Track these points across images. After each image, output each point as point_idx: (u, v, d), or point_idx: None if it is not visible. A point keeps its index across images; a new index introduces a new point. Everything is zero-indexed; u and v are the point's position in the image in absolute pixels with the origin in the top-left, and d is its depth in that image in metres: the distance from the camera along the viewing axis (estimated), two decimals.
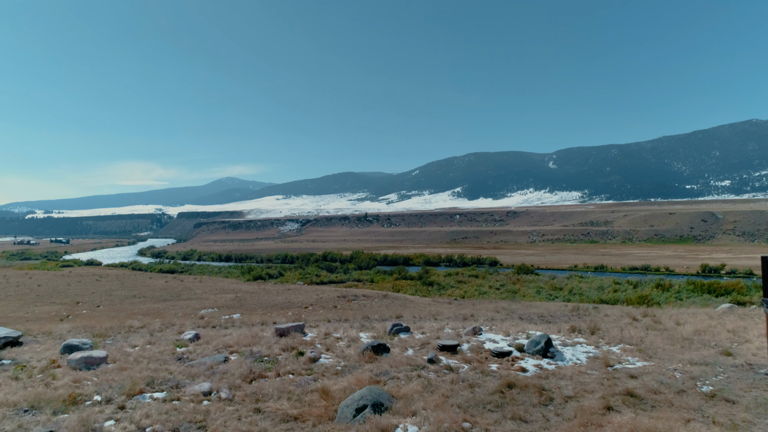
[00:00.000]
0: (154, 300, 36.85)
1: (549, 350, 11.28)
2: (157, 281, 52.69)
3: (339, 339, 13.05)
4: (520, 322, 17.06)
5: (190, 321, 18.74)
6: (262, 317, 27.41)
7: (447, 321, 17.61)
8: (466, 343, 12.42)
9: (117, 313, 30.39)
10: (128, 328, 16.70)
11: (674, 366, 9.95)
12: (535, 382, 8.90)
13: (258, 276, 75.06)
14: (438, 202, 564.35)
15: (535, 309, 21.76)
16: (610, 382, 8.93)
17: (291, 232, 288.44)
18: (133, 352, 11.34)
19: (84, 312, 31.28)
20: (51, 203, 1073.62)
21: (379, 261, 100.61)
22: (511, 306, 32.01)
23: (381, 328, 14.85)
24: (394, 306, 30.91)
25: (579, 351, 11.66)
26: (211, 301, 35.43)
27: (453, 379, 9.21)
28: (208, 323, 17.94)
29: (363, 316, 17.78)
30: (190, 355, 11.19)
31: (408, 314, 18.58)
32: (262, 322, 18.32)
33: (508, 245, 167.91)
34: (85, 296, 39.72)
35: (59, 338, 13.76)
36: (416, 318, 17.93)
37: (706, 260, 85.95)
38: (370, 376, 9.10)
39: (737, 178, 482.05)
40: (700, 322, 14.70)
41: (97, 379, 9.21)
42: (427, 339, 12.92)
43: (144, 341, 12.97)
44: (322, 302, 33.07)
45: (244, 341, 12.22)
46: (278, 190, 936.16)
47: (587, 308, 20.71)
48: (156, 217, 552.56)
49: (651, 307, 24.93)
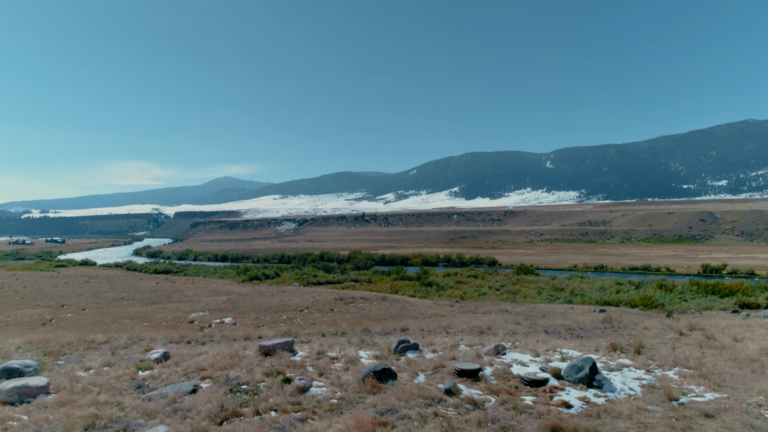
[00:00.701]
0: (143, 303, 34.88)
1: (594, 377, 9.12)
2: (147, 283, 50.59)
3: (334, 359, 11.05)
4: (547, 338, 15.04)
5: (162, 335, 16.38)
6: (255, 321, 25.61)
7: (461, 335, 15.46)
8: (488, 366, 10.32)
9: (103, 317, 28.45)
10: (89, 343, 14.65)
11: (755, 399, 8.06)
12: (586, 424, 6.96)
13: (254, 276, 73.15)
14: (435, 201, 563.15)
15: (559, 319, 19.56)
16: (683, 424, 7.03)
17: (288, 231, 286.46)
18: (84, 378, 9.41)
19: (69, 316, 29.32)
20: (47, 203, 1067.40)
21: (377, 261, 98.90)
22: (515, 308, 30.18)
23: (384, 345, 12.87)
24: (394, 309, 29.01)
25: (629, 377, 9.58)
26: (202, 303, 33.49)
27: (479, 419, 7.30)
28: (183, 337, 15.69)
29: (363, 329, 15.62)
30: (153, 381, 9.24)
31: (414, 326, 16.41)
32: (246, 336, 15.98)
33: (506, 245, 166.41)
34: (71, 299, 37.68)
35: (2, 357, 11.77)
36: (424, 331, 15.68)
37: (706, 260, 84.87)
38: (373, 416, 7.15)
39: (734, 178, 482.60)
40: (762, 338, 12.56)
41: (27, 419, 7.25)
42: (441, 360, 10.88)
43: (102, 361, 11.05)
44: (318, 305, 31.16)
45: (220, 363, 10.20)
46: (275, 190, 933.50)
47: (619, 318, 18.46)
48: (153, 216, 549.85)
49: (692, 316, 22.94)
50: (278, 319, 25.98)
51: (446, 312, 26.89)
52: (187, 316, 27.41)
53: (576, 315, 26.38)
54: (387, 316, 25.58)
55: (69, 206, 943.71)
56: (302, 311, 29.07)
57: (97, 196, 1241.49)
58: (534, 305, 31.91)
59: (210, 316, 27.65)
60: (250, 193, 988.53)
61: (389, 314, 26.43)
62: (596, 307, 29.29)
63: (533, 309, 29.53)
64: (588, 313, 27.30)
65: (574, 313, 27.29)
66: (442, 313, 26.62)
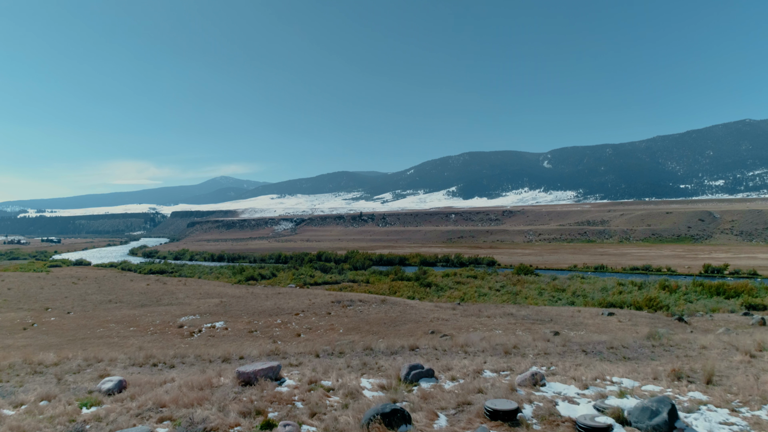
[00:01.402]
0: (131, 305, 33.75)
1: (675, 425, 6.92)
2: (138, 284, 49.34)
3: (330, 390, 8.97)
4: (588, 360, 12.81)
5: (126, 354, 14.11)
6: (248, 325, 24.67)
7: (482, 356, 13.51)
8: (527, 402, 8.11)
9: (88, 321, 27.46)
10: (35, 366, 12.80)
11: None
12: None
13: (250, 277, 72.26)
14: (433, 201, 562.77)
15: (599, 335, 17.36)
16: None
17: (285, 231, 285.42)
18: (8, 419, 7.56)
19: (52, 320, 28.29)
20: (44, 202, 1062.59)
21: (375, 261, 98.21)
22: (520, 312, 29.37)
23: (392, 370, 10.86)
24: (394, 313, 28.13)
25: (714, 422, 7.28)
26: (193, 306, 32.45)
27: None
28: (149, 358, 13.38)
29: (365, 347, 13.78)
30: (96, 425, 7.27)
31: (426, 343, 14.29)
32: (225, 356, 13.75)
33: (505, 245, 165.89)
34: (56, 301, 36.42)
35: None
36: (438, 350, 13.53)
37: (706, 260, 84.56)
38: None
39: (731, 178, 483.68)
40: None
41: None
42: (464, 392, 8.74)
43: (42, 393, 9.21)
44: (314, 308, 30.25)
45: (186, 396, 8.26)
46: (273, 190, 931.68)
47: (666, 333, 16.24)
48: (149, 216, 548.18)
49: (704, 319, 21.87)
50: (272, 324, 25.10)
51: (449, 316, 26.02)
52: (176, 320, 26.43)
53: (584, 318, 25.58)
54: (387, 321, 24.71)
55: (65, 206, 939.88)
56: (298, 315, 28.17)
57: (94, 196, 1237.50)
58: (539, 308, 31.10)
59: (200, 320, 26.70)
60: (247, 193, 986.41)
61: (389, 318, 25.56)
62: (604, 310, 28.51)
63: (539, 312, 28.66)
64: (596, 316, 26.49)
65: (581, 316, 26.49)
66: (444, 317, 25.76)
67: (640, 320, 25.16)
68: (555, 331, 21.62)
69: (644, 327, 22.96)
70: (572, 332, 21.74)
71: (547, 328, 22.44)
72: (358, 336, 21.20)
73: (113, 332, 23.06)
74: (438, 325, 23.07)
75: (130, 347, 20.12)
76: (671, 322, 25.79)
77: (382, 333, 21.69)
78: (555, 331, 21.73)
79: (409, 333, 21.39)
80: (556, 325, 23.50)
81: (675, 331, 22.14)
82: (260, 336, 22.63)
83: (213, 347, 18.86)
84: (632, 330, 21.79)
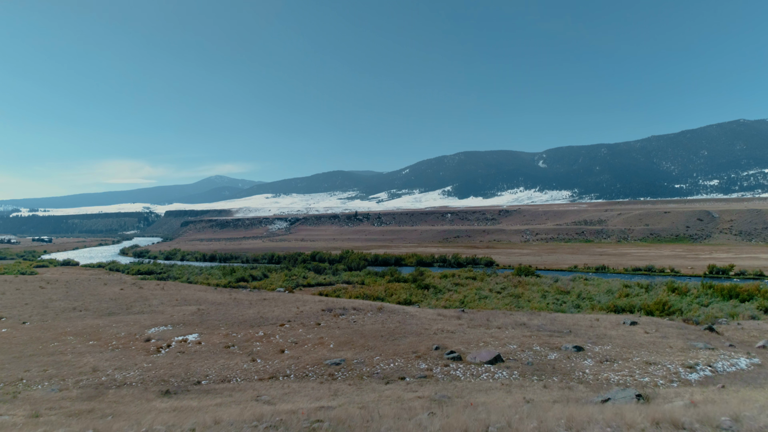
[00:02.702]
0: (98, 314, 30.41)
1: None
2: (110, 289, 45.75)
3: None
4: None
5: (64, 381, 11.43)
6: (225, 339, 21.64)
7: None
8: None
9: (43, 333, 24.30)
10: None
11: None
12: None
13: (241, 278, 69.16)
14: (428, 200, 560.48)
15: (629, 351, 14.43)
16: None
17: (279, 231, 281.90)
18: None
19: (3, 331, 25.09)
20: (37, 201, 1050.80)
21: (370, 261, 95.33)
22: (533, 321, 26.61)
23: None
24: (392, 323, 25.22)
25: None
26: (166, 315, 29.23)
27: None
28: (99, 383, 11.10)
29: (359, 374, 11.03)
30: None
31: (432, 364, 11.61)
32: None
33: (502, 244, 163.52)
34: (14, 309, 32.74)
35: None
36: (464, 393, 9.86)
37: (708, 260, 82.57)
38: None
39: (725, 178, 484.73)
40: None
41: None
42: None
43: None
44: (302, 317, 27.26)
45: None
46: (267, 189, 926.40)
47: (704, 348, 13.69)
48: (143, 215, 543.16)
49: (738, 329, 19.09)
50: (253, 336, 22.08)
51: (454, 327, 23.10)
52: (144, 332, 23.34)
53: (605, 329, 22.74)
54: (384, 333, 21.75)
55: (59, 205, 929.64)
56: (283, 325, 25.16)
57: (88, 195, 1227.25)
58: (552, 315, 28.30)
59: (172, 332, 23.63)
60: (242, 192, 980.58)
61: (387, 330, 22.64)
62: (624, 319, 25.75)
63: (553, 321, 25.80)
64: (618, 326, 23.63)
65: (601, 326, 23.64)
66: (449, 328, 22.85)
67: (668, 331, 22.34)
68: (577, 346, 18.80)
69: (676, 339, 20.20)
70: (597, 347, 18.91)
71: (567, 342, 19.57)
72: (351, 352, 18.26)
73: (68, 347, 19.99)
74: (443, 339, 20.16)
75: (82, 367, 17.09)
76: (701, 332, 23.04)
77: (378, 348, 18.74)
78: (577, 345, 18.91)
79: (411, 348, 18.47)
80: (577, 337, 20.63)
81: (712, 344, 19.34)
82: (238, 352, 19.62)
83: (178, 368, 15.86)
84: (664, 344, 19.02)
